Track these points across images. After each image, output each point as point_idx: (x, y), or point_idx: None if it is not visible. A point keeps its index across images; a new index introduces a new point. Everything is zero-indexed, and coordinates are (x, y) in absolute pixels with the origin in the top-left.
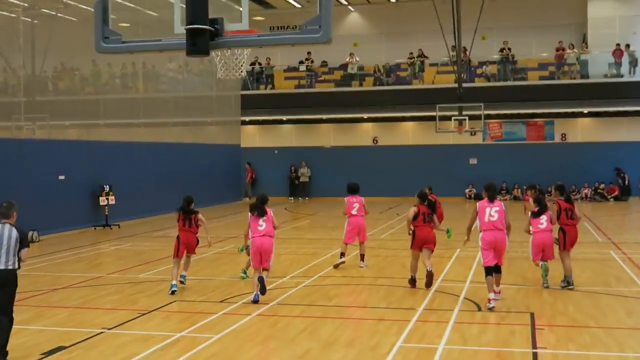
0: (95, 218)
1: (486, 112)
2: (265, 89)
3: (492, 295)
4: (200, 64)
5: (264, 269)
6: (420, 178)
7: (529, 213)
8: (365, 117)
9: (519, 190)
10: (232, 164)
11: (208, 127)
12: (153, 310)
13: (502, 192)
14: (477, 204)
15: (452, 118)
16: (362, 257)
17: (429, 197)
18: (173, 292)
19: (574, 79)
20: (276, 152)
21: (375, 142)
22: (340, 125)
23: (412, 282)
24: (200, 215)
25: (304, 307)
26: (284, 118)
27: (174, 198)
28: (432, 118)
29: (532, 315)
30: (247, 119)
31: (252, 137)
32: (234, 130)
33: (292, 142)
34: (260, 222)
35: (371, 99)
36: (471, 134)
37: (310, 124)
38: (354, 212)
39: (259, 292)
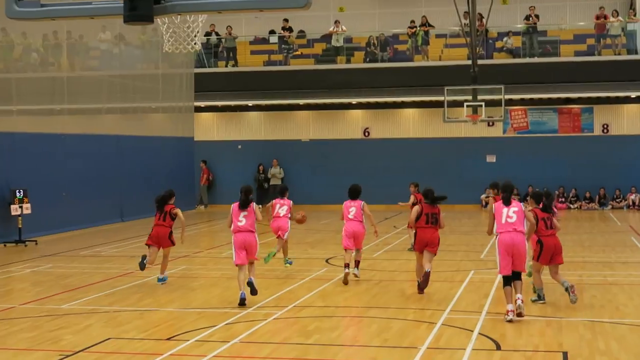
0: (5, 232)
1: (507, 96)
2: (226, 66)
3: (510, 307)
4: (142, 34)
5: (250, 263)
6: (424, 180)
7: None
8: (354, 102)
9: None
10: (182, 162)
11: (152, 115)
12: (80, 351)
13: (528, 198)
14: (494, 204)
15: (465, 104)
16: (357, 263)
17: (433, 196)
18: (143, 266)
19: (619, 54)
20: (240, 147)
21: (366, 134)
22: (321, 113)
23: (420, 288)
24: (178, 210)
25: (274, 347)
26: (250, 104)
27: (108, 206)
28: (439, 104)
29: (565, 355)
30: (202, 104)
31: (209, 127)
32: (186, 119)
33: (261, 135)
34: (241, 216)
35: (361, 79)
36: (488, 125)
37: (284, 111)
38: (350, 216)
39: (244, 292)
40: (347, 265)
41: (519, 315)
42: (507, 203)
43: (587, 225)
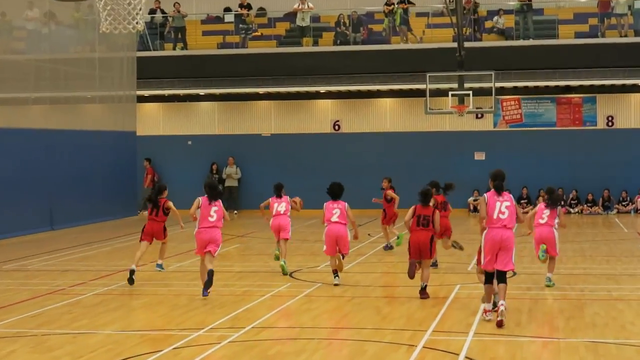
0: None
1: (499, 84)
2: (174, 49)
3: (488, 306)
4: (76, 11)
5: (210, 254)
6: (403, 181)
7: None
8: (323, 91)
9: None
10: (123, 161)
11: (87, 106)
12: None
13: (523, 201)
14: (486, 195)
15: (450, 93)
16: (335, 271)
17: (434, 196)
18: (130, 280)
19: (625, 36)
20: (190, 143)
21: (336, 128)
22: (285, 104)
23: (422, 291)
24: (170, 203)
25: None
26: (202, 93)
27: (35, 212)
28: (421, 93)
29: None
30: (146, 93)
31: (154, 120)
32: (127, 110)
33: (214, 129)
34: (212, 211)
35: (331, 64)
36: (477, 117)
37: (242, 102)
38: (333, 219)
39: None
40: (335, 272)
41: (499, 324)
42: (499, 192)
43: (590, 233)
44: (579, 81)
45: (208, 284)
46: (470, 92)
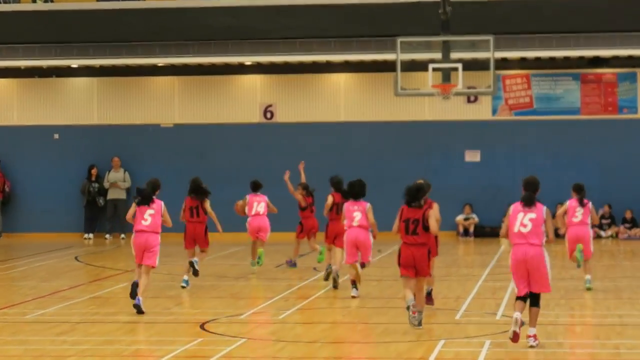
0: None
1: (500, 54)
2: (34, 1)
3: (518, 315)
4: None
5: (146, 266)
6: (368, 194)
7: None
8: (248, 63)
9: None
10: None
11: None
12: None
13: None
14: (511, 206)
15: (431, 67)
16: (354, 282)
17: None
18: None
19: None
20: (57, 136)
21: (269, 116)
22: (194, 81)
23: (427, 296)
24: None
25: None
26: (75, 64)
27: None
28: (389, 66)
29: None
30: None
31: (4, 103)
32: None
33: (92, 117)
34: (146, 214)
35: (258, 25)
36: (469, 101)
37: (131, 77)
38: (354, 223)
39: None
40: (353, 283)
41: (514, 338)
42: (528, 204)
43: (628, 266)
44: (613, 50)
45: (134, 294)
46: (460, 66)
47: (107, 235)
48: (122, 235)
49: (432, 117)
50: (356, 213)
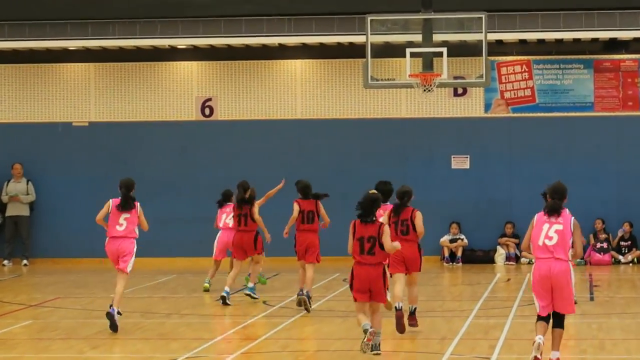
0: None
1: (494, 35)
2: None
3: (540, 338)
4: None
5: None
6: (327, 203)
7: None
8: (182, 46)
9: (595, 239)
10: None
11: None
12: None
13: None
14: (535, 216)
15: (408, 51)
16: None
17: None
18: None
19: None
20: None
21: (207, 112)
22: (112, 69)
23: (411, 316)
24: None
25: None
26: None
27: None
28: (357, 51)
29: None
30: None
31: None
32: None
33: None
34: (121, 219)
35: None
36: (456, 94)
37: (34, 65)
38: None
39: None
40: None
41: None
42: (552, 213)
43: None
44: (634, 31)
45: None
46: (444, 50)
47: (6, 262)
48: (25, 262)
49: (410, 114)
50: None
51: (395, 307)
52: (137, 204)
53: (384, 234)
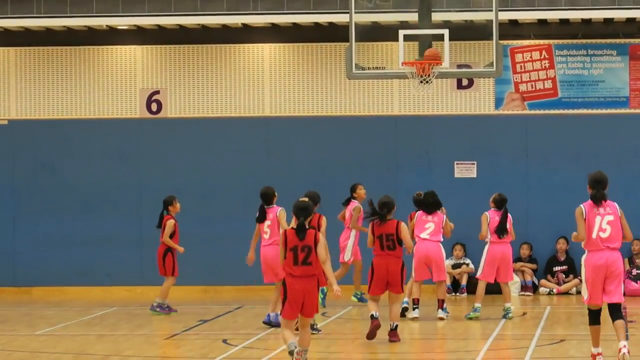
0: None
1: (506, 14)
2: None
3: (596, 350)
4: None
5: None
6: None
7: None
8: (124, 26)
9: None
10: None
11: None
12: None
13: (559, 267)
14: (583, 207)
15: (401, 33)
16: (442, 302)
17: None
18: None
19: None
20: None
21: (155, 108)
22: (38, 54)
23: (392, 332)
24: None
25: None
26: None
27: None
28: (339, 34)
29: None
30: None
31: None
32: None
33: None
34: (265, 227)
35: None
36: (459, 86)
37: None
38: (423, 235)
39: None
40: (415, 303)
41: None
42: (598, 202)
43: None
44: None
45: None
46: (446, 32)
47: None
48: None
49: (403, 111)
50: (429, 224)
51: (372, 316)
52: (275, 210)
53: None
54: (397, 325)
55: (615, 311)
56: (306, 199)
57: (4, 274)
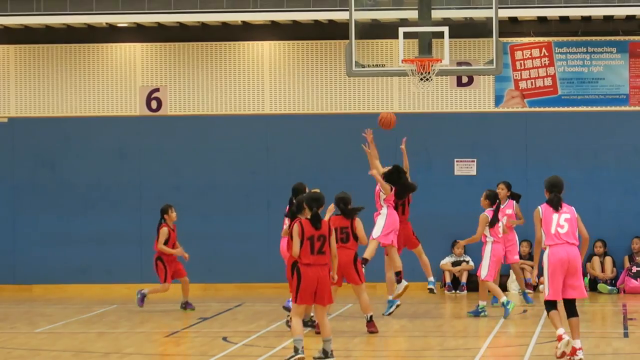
0: None
1: (506, 11)
2: None
3: (561, 330)
4: None
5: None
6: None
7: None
8: (123, 24)
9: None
10: None
11: None
12: None
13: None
14: (540, 207)
15: (401, 31)
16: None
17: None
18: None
19: None
20: None
21: (155, 106)
22: (38, 52)
23: (369, 323)
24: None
25: None
26: None
27: None
28: (339, 31)
29: None
30: None
31: None
32: None
33: None
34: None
35: None
36: (460, 84)
37: None
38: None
39: None
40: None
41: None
42: (555, 205)
43: None
44: None
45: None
46: (446, 30)
47: None
48: None
49: (403, 109)
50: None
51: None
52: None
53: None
54: (371, 316)
55: (572, 307)
56: (317, 190)
57: (3, 272)
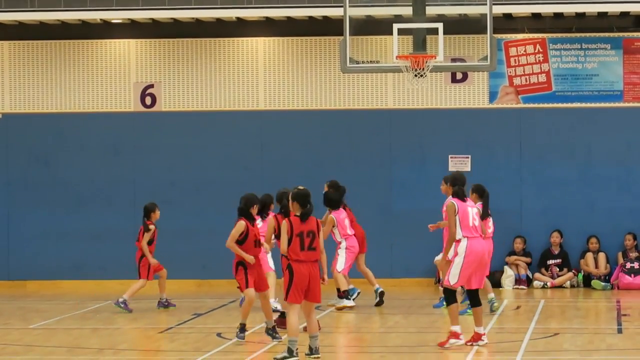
0: None
1: (501, 7)
2: None
3: (458, 328)
4: None
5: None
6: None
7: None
8: (117, 20)
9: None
10: None
11: None
12: None
13: (554, 261)
14: (454, 201)
15: (396, 27)
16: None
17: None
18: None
19: None
20: None
21: (149, 102)
22: (31, 47)
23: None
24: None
25: None
26: None
27: None
28: (333, 28)
29: None
30: None
31: None
32: None
33: None
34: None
35: None
36: (454, 80)
37: None
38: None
39: None
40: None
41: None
42: (462, 197)
43: None
44: None
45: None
46: (440, 26)
47: None
48: None
49: (398, 105)
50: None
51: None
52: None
53: (320, 228)
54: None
55: (476, 297)
56: (302, 187)
57: None
